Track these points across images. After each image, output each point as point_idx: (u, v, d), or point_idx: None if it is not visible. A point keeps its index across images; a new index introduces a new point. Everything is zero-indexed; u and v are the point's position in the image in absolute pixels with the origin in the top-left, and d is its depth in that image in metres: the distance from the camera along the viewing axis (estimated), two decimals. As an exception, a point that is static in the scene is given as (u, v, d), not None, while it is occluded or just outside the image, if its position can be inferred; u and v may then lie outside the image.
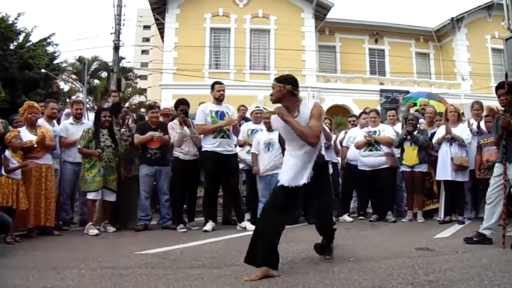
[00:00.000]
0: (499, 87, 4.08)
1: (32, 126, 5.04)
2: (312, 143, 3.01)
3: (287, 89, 3.10)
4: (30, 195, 4.76)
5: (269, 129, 5.78)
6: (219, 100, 5.38)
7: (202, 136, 5.34)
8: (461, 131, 5.71)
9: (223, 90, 5.40)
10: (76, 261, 3.38)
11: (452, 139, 5.63)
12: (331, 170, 4.14)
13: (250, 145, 6.01)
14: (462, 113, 6.54)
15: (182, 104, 5.53)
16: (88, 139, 5.24)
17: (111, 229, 5.27)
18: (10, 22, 17.85)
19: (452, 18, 20.57)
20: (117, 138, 5.47)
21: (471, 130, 5.77)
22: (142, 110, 20.44)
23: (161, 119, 5.96)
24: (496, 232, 3.92)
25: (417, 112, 7.31)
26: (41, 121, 5.37)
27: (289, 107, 3.11)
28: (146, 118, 6.04)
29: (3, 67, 16.32)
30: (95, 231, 5.00)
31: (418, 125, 6.41)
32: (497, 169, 3.96)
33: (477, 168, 5.47)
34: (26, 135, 4.92)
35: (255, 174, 5.81)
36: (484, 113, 5.93)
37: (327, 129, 6.25)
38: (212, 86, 5.49)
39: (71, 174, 5.51)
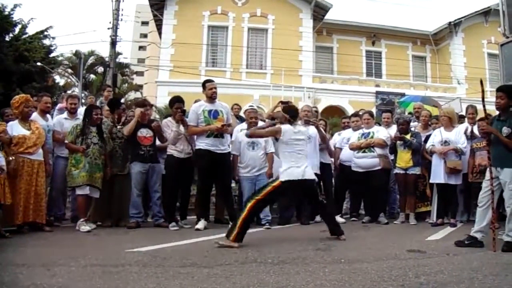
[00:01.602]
0: (499, 89, 4.11)
1: (26, 120, 4.98)
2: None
3: None
4: (20, 190, 4.69)
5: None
6: (212, 98, 5.34)
7: (195, 135, 5.31)
8: (455, 135, 5.72)
9: (215, 88, 5.35)
10: (67, 258, 3.35)
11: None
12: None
13: None
14: (462, 115, 6.55)
15: (177, 102, 5.49)
16: (75, 135, 5.24)
17: (91, 225, 5.20)
18: (6, 13, 17.67)
19: (450, 22, 20.72)
20: (105, 136, 5.45)
21: (466, 136, 5.78)
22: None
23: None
24: (487, 235, 3.95)
25: (411, 115, 7.32)
26: (35, 115, 5.30)
27: None
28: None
29: (-2, 59, 16.14)
30: (87, 228, 4.97)
31: (413, 128, 6.41)
32: (489, 172, 4.00)
33: (470, 172, 5.51)
34: (19, 129, 4.85)
35: (235, 177, 5.76)
36: (478, 117, 5.96)
37: (323, 131, 6.25)
38: (203, 85, 5.42)
39: (63, 169, 5.43)
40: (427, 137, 6.05)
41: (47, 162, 5.17)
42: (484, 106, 4.07)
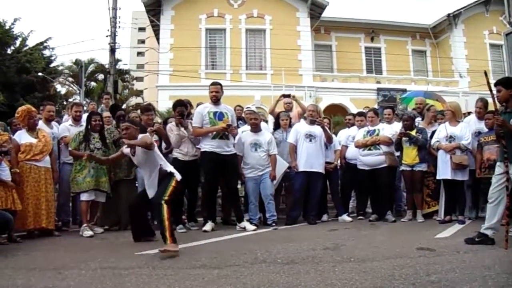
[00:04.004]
0: (496, 83, 4.08)
1: (33, 129, 5.10)
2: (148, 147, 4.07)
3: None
4: (28, 196, 4.79)
5: (254, 129, 5.77)
6: (212, 101, 5.38)
7: (201, 136, 5.33)
8: (460, 130, 5.65)
9: (216, 91, 5.38)
10: (77, 261, 3.38)
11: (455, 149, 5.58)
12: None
13: None
14: (469, 113, 6.47)
15: (179, 106, 5.51)
16: (78, 141, 5.33)
17: (99, 230, 5.34)
18: (7, 27, 17.97)
19: (449, 14, 20.48)
20: (108, 142, 5.51)
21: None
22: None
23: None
24: (498, 231, 3.87)
25: (414, 111, 7.28)
26: (40, 123, 5.42)
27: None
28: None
29: (1, 72, 16.42)
30: (90, 233, 5.00)
31: (417, 124, 6.35)
32: (499, 168, 3.91)
33: (478, 167, 5.44)
34: (26, 137, 4.99)
35: (242, 176, 5.77)
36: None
37: (328, 131, 6.24)
38: (209, 87, 5.50)
39: (70, 175, 5.47)
40: (433, 133, 5.99)
41: (55, 169, 5.24)
42: (493, 98, 3.99)
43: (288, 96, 7.17)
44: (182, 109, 5.48)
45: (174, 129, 5.41)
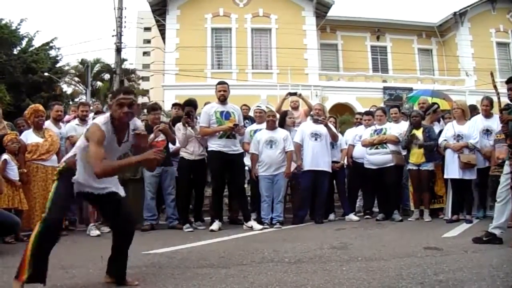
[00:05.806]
0: (508, 81, 4.05)
1: (40, 128, 5.13)
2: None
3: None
4: (35, 195, 4.84)
5: (271, 127, 5.77)
6: (219, 100, 5.39)
7: (208, 136, 5.34)
8: (468, 129, 5.60)
9: (224, 90, 5.39)
10: (84, 260, 3.40)
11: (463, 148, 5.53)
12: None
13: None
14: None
15: (187, 106, 5.54)
16: None
17: (106, 229, 5.30)
18: (14, 28, 18.13)
19: (455, 12, 20.37)
20: None
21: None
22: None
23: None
24: (506, 231, 3.84)
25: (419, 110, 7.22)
26: (47, 123, 5.46)
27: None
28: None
29: (7, 72, 16.60)
30: (97, 232, 5.04)
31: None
32: (507, 167, 3.87)
33: (493, 164, 5.36)
34: (32, 137, 5.04)
35: (255, 175, 5.76)
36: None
37: (333, 129, 6.22)
38: (216, 86, 5.51)
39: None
40: (440, 132, 5.95)
41: None
42: (498, 98, 3.98)
43: (295, 94, 7.14)
44: (190, 109, 5.50)
45: (181, 128, 5.44)
